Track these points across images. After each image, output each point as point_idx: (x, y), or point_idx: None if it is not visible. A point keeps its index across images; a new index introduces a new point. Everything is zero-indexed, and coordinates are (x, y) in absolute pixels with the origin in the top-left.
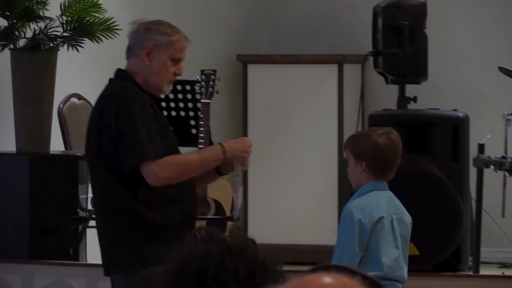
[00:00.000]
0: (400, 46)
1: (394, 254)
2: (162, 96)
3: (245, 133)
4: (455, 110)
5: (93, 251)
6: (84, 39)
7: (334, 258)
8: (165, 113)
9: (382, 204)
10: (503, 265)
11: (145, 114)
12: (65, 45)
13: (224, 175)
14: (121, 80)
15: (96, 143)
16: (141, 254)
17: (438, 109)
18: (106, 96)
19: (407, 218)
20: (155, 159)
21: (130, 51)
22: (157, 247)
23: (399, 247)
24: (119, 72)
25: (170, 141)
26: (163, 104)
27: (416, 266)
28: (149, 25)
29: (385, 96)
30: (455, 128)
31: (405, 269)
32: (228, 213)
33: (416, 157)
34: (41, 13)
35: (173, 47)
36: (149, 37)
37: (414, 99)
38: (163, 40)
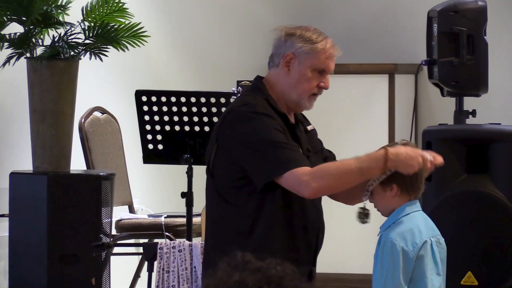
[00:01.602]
0: (458, 54)
1: (437, 282)
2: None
3: None
4: None
5: (117, 281)
6: (108, 47)
7: None
8: (197, 128)
9: (422, 228)
10: None
11: (274, 126)
12: (87, 54)
13: None
14: (253, 92)
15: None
16: None
17: (499, 124)
18: (229, 109)
19: (443, 239)
20: (302, 167)
21: (271, 60)
22: None
23: (441, 273)
24: (255, 81)
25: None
26: (195, 119)
27: None
28: (292, 31)
29: (441, 109)
30: None
31: None
32: None
33: (475, 177)
34: (60, 18)
35: (317, 56)
36: (291, 44)
37: (473, 113)
38: (305, 47)
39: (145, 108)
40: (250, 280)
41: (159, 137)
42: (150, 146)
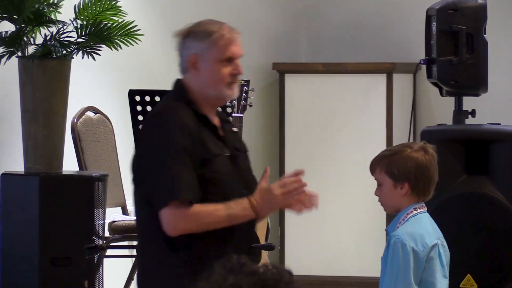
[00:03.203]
0: (457, 53)
1: (444, 285)
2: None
3: (281, 151)
4: None
5: (110, 284)
6: (101, 45)
7: None
8: None
9: (430, 229)
10: None
11: (183, 145)
12: (80, 52)
13: None
14: (176, 96)
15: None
16: None
17: (499, 124)
18: (148, 115)
19: (445, 242)
20: (178, 205)
21: (180, 67)
22: None
23: (447, 275)
24: (177, 85)
25: (218, 173)
26: None
27: None
28: (187, 31)
29: (440, 109)
30: None
31: None
32: (262, 241)
33: (474, 178)
34: (52, 17)
35: (217, 47)
36: (190, 45)
37: (473, 113)
38: (203, 43)
39: (139, 108)
40: (245, 283)
41: None
42: None
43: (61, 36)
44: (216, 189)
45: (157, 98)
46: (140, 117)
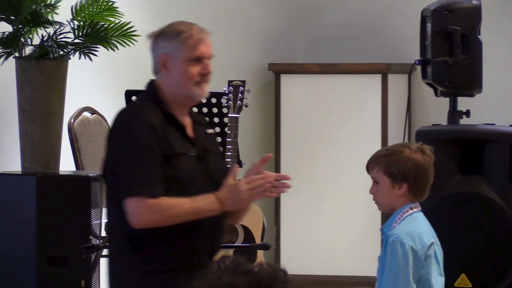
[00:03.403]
0: (452, 54)
1: (441, 283)
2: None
3: (277, 151)
4: None
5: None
6: (98, 46)
7: None
8: None
9: (426, 228)
10: None
11: (146, 142)
12: (77, 53)
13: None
14: (147, 96)
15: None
16: None
17: (493, 124)
18: (118, 113)
19: (438, 241)
20: (143, 197)
21: (152, 67)
22: None
23: (443, 273)
24: (149, 85)
25: (179, 171)
26: None
27: None
28: (158, 32)
29: (435, 110)
30: None
31: None
32: (258, 241)
33: (468, 178)
34: (49, 18)
35: (186, 47)
36: (160, 45)
37: (467, 113)
38: (173, 43)
39: None
40: (240, 282)
41: None
42: None
43: (58, 37)
44: (177, 187)
45: None
46: None
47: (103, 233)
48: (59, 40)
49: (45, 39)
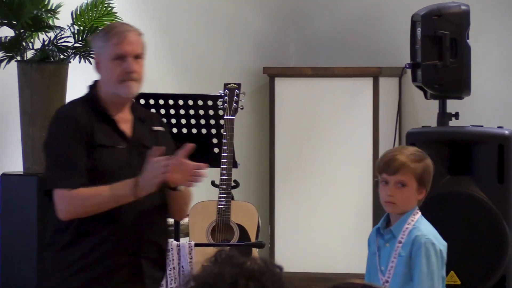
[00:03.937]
0: (441, 58)
1: (443, 282)
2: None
3: (271, 152)
4: (501, 127)
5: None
6: None
7: None
8: (184, 130)
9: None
10: None
11: (66, 136)
12: (77, 57)
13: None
14: (85, 94)
15: None
16: None
17: (482, 126)
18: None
19: None
20: (64, 188)
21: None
22: None
23: (444, 274)
24: (90, 84)
25: (99, 162)
26: (183, 121)
27: None
28: (95, 34)
29: (424, 112)
30: (500, 147)
31: None
32: (253, 239)
33: (457, 178)
34: (50, 22)
35: (110, 45)
36: (94, 45)
37: (456, 116)
38: (101, 42)
39: None
40: (227, 272)
41: None
42: None
43: (59, 41)
44: (102, 178)
45: (151, 101)
46: None
47: None
48: (59, 44)
49: (46, 43)
